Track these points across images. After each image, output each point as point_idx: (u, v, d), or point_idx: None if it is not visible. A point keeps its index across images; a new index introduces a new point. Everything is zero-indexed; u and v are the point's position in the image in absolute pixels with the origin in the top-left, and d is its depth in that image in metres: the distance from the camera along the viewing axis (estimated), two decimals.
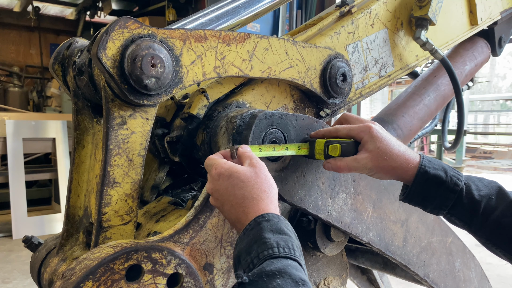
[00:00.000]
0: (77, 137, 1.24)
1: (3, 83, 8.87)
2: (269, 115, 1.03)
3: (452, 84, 1.65)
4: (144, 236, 1.17)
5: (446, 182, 1.00)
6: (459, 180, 1.01)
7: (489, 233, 1.00)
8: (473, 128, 19.89)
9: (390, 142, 1.01)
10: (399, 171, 1.01)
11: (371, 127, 1.03)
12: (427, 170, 1.00)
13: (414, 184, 1.01)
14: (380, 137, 1.01)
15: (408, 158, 1.01)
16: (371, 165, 1.01)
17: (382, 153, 1.00)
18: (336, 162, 1.04)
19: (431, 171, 1.00)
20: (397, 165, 1.01)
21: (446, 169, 1.02)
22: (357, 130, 1.04)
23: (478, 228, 1.01)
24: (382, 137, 1.02)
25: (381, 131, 1.03)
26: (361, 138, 1.03)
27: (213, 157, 0.95)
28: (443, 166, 1.03)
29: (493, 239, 1.01)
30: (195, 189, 1.40)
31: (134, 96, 0.95)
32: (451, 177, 1.01)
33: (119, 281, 0.81)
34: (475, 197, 1.00)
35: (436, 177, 1.00)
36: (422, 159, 1.02)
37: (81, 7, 8.71)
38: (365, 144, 1.02)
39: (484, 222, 0.99)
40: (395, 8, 1.55)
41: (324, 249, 1.30)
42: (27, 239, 1.36)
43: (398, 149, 1.02)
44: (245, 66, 1.13)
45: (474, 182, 1.03)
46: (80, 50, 1.20)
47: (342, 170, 1.04)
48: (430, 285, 1.54)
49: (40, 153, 6.45)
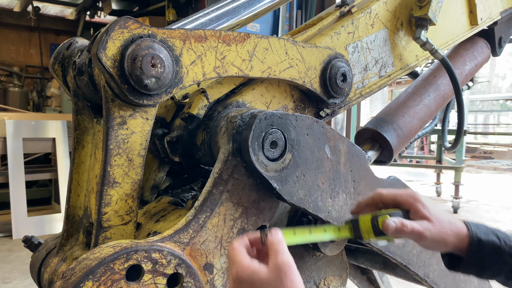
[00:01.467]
0: (77, 137, 1.24)
1: (3, 83, 8.87)
2: (269, 115, 1.03)
3: (452, 84, 1.65)
4: (144, 236, 1.17)
5: (501, 247, 0.97)
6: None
7: None
8: (473, 128, 19.89)
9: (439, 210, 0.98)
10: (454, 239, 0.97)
11: (416, 193, 0.99)
12: (480, 237, 0.97)
13: (471, 253, 0.96)
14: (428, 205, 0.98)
15: (458, 225, 0.98)
16: (434, 231, 0.95)
17: (437, 220, 0.96)
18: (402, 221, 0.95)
19: (484, 238, 0.97)
20: (452, 232, 0.97)
21: (496, 232, 0.99)
22: (404, 196, 0.99)
23: None
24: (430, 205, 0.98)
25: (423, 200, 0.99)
26: (410, 205, 0.98)
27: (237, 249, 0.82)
28: (492, 229, 1.00)
29: None
30: (195, 189, 1.40)
31: (134, 96, 0.95)
32: (504, 240, 0.98)
33: (119, 281, 0.81)
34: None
35: (491, 243, 0.97)
36: (469, 225, 0.98)
37: (81, 7, 8.70)
38: (418, 211, 0.97)
39: None
40: (395, 8, 1.55)
41: (324, 249, 1.30)
42: (27, 239, 1.36)
43: (447, 216, 0.98)
44: (245, 66, 1.13)
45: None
46: (80, 50, 1.20)
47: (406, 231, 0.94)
48: (430, 285, 1.54)
49: (40, 153, 6.45)
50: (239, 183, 1.03)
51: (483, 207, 7.53)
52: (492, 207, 7.57)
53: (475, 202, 7.97)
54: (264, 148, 1.01)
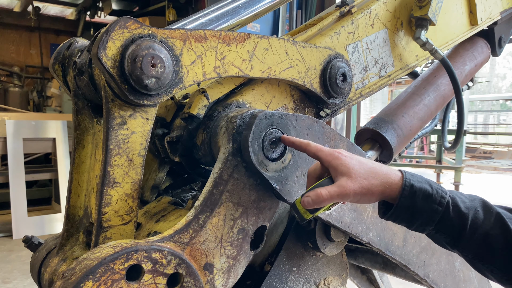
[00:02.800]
0: (77, 137, 1.24)
1: (3, 83, 8.87)
2: (269, 115, 1.03)
3: (452, 84, 1.65)
4: (144, 236, 1.17)
5: (432, 195, 0.94)
6: (444, 193, 0.96)
7: (477, 247, 0.94)
8: (473, 128, 19.89)
9: (362, 162, 0.96)
10: (383, 188, 0.95)
11: (338, 152, 0.97)
12: (413, 183, 0.94)
13: (402, 198, 0.94)
14: (350, 158, 0.96)
15: (389, 173, 0.96)
16: (354, 187, 0.93)
17: (358, 173, 0.94)
18: (316, 191, 0.94)
19: (416, 184, 0.94)
20: (379, 182, 0.94)
21: (429, 182, 0.97)
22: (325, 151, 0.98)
23: (465, 243, 0.95)
24: (353, 159, 0.96)
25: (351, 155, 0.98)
26: (328, 164, 0.97)
27: None
28: (426, 179, 0.98)
29: (481, 254, 0.95)
30: (195, 189, 1.40)
31: (134, 96, 0.95)
32: (437, 190, 0.95)
33: (119, 281, 0.81)
34: (462, 209, 0.94)
35: (423, 190, 0.94)
36: (404, 172, 0.96)
37: (81, 7, 8.70)
38: (336, 168, 0.95)
39: (472, 235, 0.94)
40: (395, 8, 1.55)
41: (324, 249, 1.30)
42: (27, 239, 1.36)
43: (374, 166, 0.96)
44: (245, 66, 1.13)
45: (458, 195, 0.98)
46: (80, 50, 1.20)
47: (324, 199, 0.93)
48: (430, 285, 1.54)
49: (40, 153, 6.45)
50: (239, 183, 1.03)
51: None
52: None
53: None
54: (264, 148, 1.02)
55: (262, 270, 1.28)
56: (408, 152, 10.44)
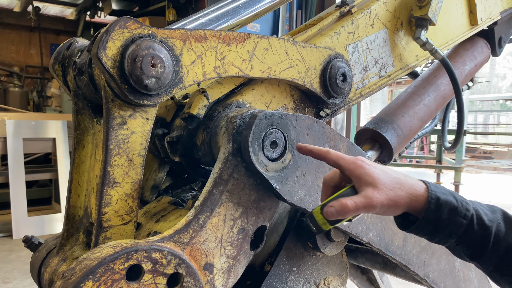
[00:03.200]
0: (77, 137, 1.24)
1: (3, 83, 8.87)
2: (269, 115, 1.03)
3: (452, 84, 1.65)
4: (144, 236, 1.17)
5: (458, 208, 0.92)
6: (469, 205, 0.93)
7: (498, 260, 0.93)
8: (473, 128, 19.90)
9: (386, 172, 0.93)
10: (409, 200, 0.91)
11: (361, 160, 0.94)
12: (439, 196, 0.92)
13: (428, 212, 0.91)
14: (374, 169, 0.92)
15: (414, 184, 0.93)
16: (381, 197, 0.89)
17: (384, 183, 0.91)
18: (340, 201, 0.89)
19: (442, 197, 0.92)
20: (405, 193, 0.91)
21: (453, 194, 0.94)
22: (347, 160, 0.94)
23: (487, 255, 0.93)
24: (376, 168, 0.93)
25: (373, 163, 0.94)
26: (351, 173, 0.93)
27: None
28: (449, 191, 0.96)
29: (502, 267, 0.94)
30: (195, 189, 1.40)
31: (134, 96, 0.95)
32: (461, 202, 0.93)
33: (119, 281, 0.81)
34: (486, 222, 0.92)
35: (448, 203, 0.92)
36: (428, 184, 0.94)
37: (81, 7, 8.71)
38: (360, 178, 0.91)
39: (494, 248, 0.92)
40: (395, 8, 1.55)
41: (324, 249, 1.30)
42: (27, 239, 1.36)
43: (398, 177, 0.93)
44: (245, 66, 1.13)
45: (479, 207, 0.95)
46: (80, 50, 1.20)
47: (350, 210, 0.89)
48: (430, 285, 1.54)
49: (40, 153, 6.45)
50: (239, 183, 1.03)
51: None
52: None
53: None
54: (264, 148, 1.02)
55: (262, 270, 1.28)
56: (408, 152, 10.44)
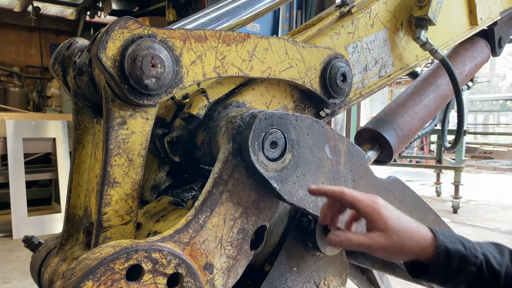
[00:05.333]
0: (77, 137, 1.24)
1: (3, 83, 8.87)
2: (269, 115, 1.03)
3: (452, 84, 1.65)
4: (144, 236, 1.17)
5: (467, 256, 0.93)
6: (477, 252, 0.94)
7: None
8: (473, 128, 19.91)
9: (401, 219, 0.95)
10: (415, 249, 0.93)
11: (378, 202, 0.96)
12: (447, 246, 0.93)
13: (438, 262, 0.93)
14: (390, 214, 0.94)
15: (422, 234, 0.95)
16: (385, 244, 0.92)
17: (395, 231, 0.93)
18: (346, 235, 0.94)
19: (451, 247, 0.93)
20: (413, 243, 0.93)
21: (461, 240, 0.96)
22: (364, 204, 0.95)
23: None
24: (392, 214, 0.95)
25: (388, 207, 0.96)
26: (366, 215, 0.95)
27: None
28: (457, 237, 0.97)
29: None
30: (195, 189, 1.40)
31: (134, 96, 0.95)
32: (470, 249, 0.94)
33: (119, 281, 0.81)
34: (495, 267, 0.93)
35: (458, 253, 0.93)
36: (436, 233, 0.95)
37: (81, 7, 8.71)
38: (374, 222, 0.94)
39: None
40: (395, 8, 1.55)
41: (324, 249, 1.30)
42: (27, 239, 1.36)
43: (410, 225, 0.95)
44: (245, 66, 1.13)
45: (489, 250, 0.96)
46: (80, 50, 1.21)
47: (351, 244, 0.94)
48: (430, 285, 1.54)
49: (40, 153, 6.45)
50: (239, 183, 1.03)
51: (483, 207, 7.53)
52: (492, 207, 7.58)
53: (475, 202, 7.97)
54: (264, 148, 1.02)
55: (262, 270, 1.28)
56: (408, 152, 10.44)
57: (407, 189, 1.44)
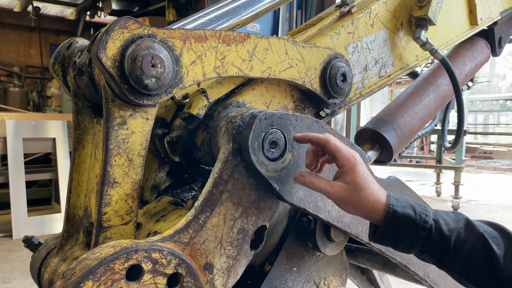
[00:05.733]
0: (77, 137, 1.24)
1: (3, 83, 8.87)
2: (269, 115, 1.03)
3: (452, 84, 1.65)
4: (144, 236, 1.17)
5: (415, 220, 0.98)
6: (428, 217, 0.99)
7: (461, 268, 0.99)
8: (473, 128, 19.91)
9: (367, 181, 1.00)
10: (367, 210, 0.99)
11: (356, 159, 1.00)
12: (396, 209, 0.98)
13: (385, 224, 0.99)
14: (361, 173, 0.99)
15: (378, 198, 1.00)
16: (342, 195, 0.99)
17: (357, 188, 0.98)
18: (311, 178, 1.01)
19: (400, 210, 0.98)
20: (367, 203, 0.99)
21: (414, 206, 1.01)
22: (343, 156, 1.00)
23: (450, 263, 1.00)
24: (363, 173, 0.99)
25: (363, 166, 1.01)
26: (342, 165, 1.00)
27: None
28: (411, 203, 1.01)
29: (466, 274, 0.99)
30: (195, 189, 1.40)
31: (134, 96, 0.95)
32: (420, 214, 0.99)
33: (119, 281, 0.81)
34: (444, 232, 0.98)
35: (405, 216, 0.98)
36: (389, 198, 1.00)
37: (81, 7, 8.70)
38: (344, 174, 1.00)
39: (455, 257, 0.98)
40: (395, 8, 1.55)
41: (324, 249, 1.30)
42: (27, 239, 1.36)
43: (372, 187, 1.00)
44: (245, 66, 1.13)
45: (442, 217, 1.01)
46: (80, 50, 1.21)
47: (312, 187, 1.01)
48: (430, 285, 1.54)
49: (40, 153, 6.45)
50: (239, 183, 1.03)
51: (483, 207, 7.53)
52: (492, 207, 7.58)
53: (475, 202, 7.98)
54: (264, 148, 1.02)
55: (262, 270, 1.28)
56: (408, 152, 10.44)
57: (407, 189, 1.44)
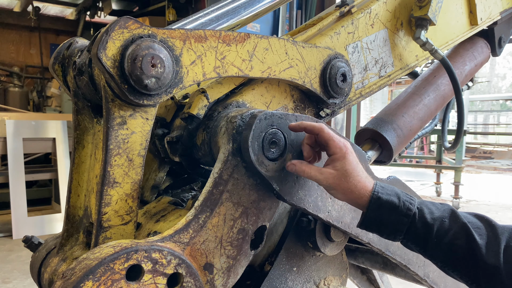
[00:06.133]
0: (77, 137, 1.24)
1: (3, 83, 8.87)
2: (269, 115, 1.03)
3: (452, 84, 1.65)
4: (144, 236, 1.17)
5: (399, 207, 1.00)
6: (412, 205, 1.01)
7: (444, 256, 1.00)
8: (473, 128, 19.91)
9: (356, 168, 1.02)
10: (354, 196, 1.02)
11: (347, 148, 1.03)
12: (380, 196, 1.01)
13: (369, 210, 1.01)
14: (351, 161, 1.02)
15: (365, 185, 1.02)
16: (331, 182, 1.01)
17: (346, 175, 1.01)
18: (302, 165, 1.03)
19: (383, 197, 1.01)
20: (355, 190, 1.01)
21: (399, 194, 1.03)
22: (336, 144, 1.02)
23: (432, 251, 1.01)
24: (352, 161, 1.02)
25: (353, 155, 1.04)
26: (334, 153, 1.03)
27: None
28: (396, 191, 1.04)
29: (449, 262, 1.01)
30: (195, 189, 1.40)
31: (134, 96, 0.95)
32: (404, 202, 1.01)
33: (119, 281, 0.81)
34: (427, 220, 1.00)
35: (389, 203, 1.00)
36: (376, 185, 1.03)
37: (81, 7, 8.70)
38: (334, 161, 1.02)
39: (437, 245, 0.99)
40: (395, 8, 1.55)
41: (324, 249, 1.30)
42: (27, 239, 1.36)
43: (361, 175, 1.03)
44: (245, 66, 1.13)
45: (427, 206, 1.03)
46: (80, 50, 1.20)
47: (303, 174, 1.03)
48: (430, 285, 1.54)
49: (40, 153, 6.45)
50: (239, 183, 1.03)
51: (483, 207, 7.53)
52: (492, 207, 7.58)
53: (475, 202, 7.98)
54: (264, 148, 1.02)
55: (262, 270, 1.28)
56: (408, 152, 10.44)
57: (407, 189, 1.44)
